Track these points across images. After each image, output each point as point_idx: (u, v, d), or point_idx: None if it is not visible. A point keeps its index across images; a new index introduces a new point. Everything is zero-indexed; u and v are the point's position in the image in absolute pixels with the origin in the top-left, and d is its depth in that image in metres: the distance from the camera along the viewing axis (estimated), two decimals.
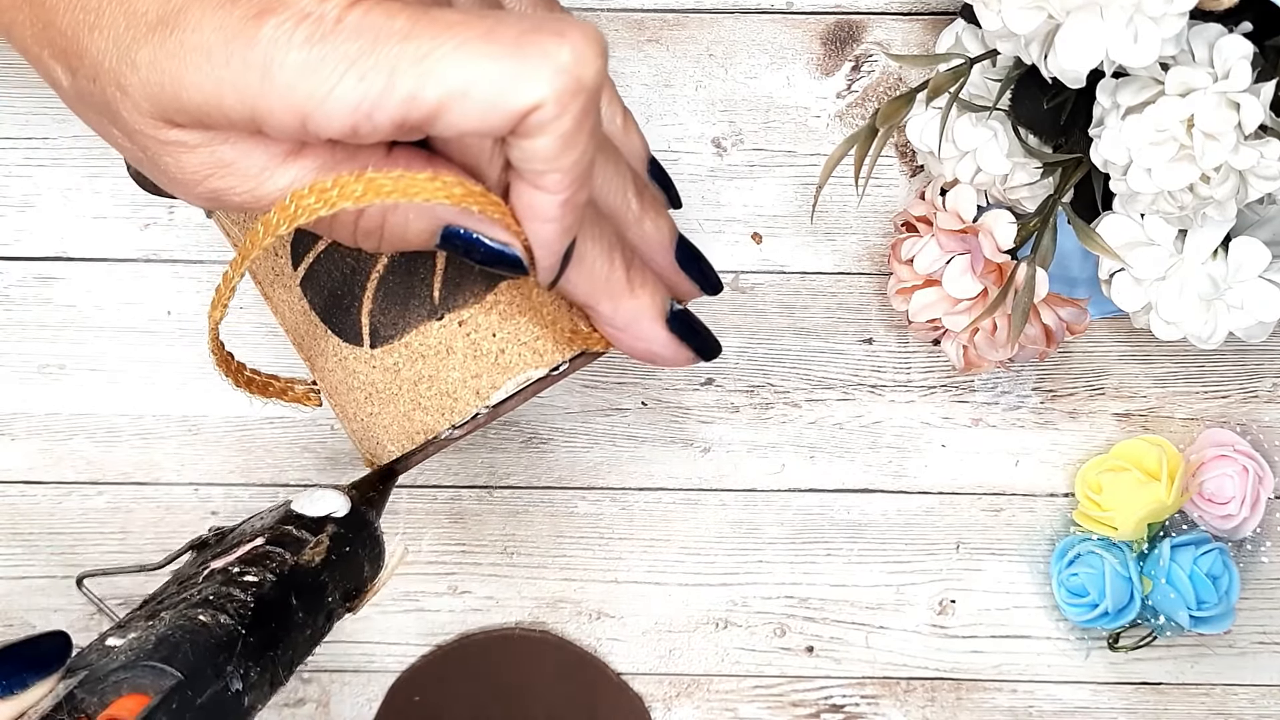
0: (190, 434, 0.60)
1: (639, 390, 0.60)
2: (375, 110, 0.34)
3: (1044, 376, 0.60)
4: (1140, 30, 0.42)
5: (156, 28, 0.36)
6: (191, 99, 0.35)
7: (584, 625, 0.60)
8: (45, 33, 0.39)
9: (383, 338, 0.44)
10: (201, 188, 0.38)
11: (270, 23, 0.34)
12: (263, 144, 0.37)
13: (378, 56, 0.33)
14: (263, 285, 0.47)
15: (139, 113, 0.37)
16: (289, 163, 0.37)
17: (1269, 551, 0.60)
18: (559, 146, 0.35)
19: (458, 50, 0.33)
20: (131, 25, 0.36)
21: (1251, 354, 0.60)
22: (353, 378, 0.44)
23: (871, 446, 0.60)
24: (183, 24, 0.35)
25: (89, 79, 0.38)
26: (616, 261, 0.41)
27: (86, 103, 0.39)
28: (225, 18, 0.34)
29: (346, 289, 0.44)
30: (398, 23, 0.34)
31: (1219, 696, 0.60)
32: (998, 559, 0.60)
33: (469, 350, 0.43)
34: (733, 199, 0.60)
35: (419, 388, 0.43)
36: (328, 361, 0.45)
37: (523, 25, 0.34)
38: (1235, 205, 0.47)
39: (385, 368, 0.44)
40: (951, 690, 0.60)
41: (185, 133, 0.37)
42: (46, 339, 0.59)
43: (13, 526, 0.60)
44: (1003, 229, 0.52)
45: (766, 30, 0.59)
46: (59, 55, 0.39)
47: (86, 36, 0.37)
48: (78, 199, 0.59)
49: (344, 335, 0.44)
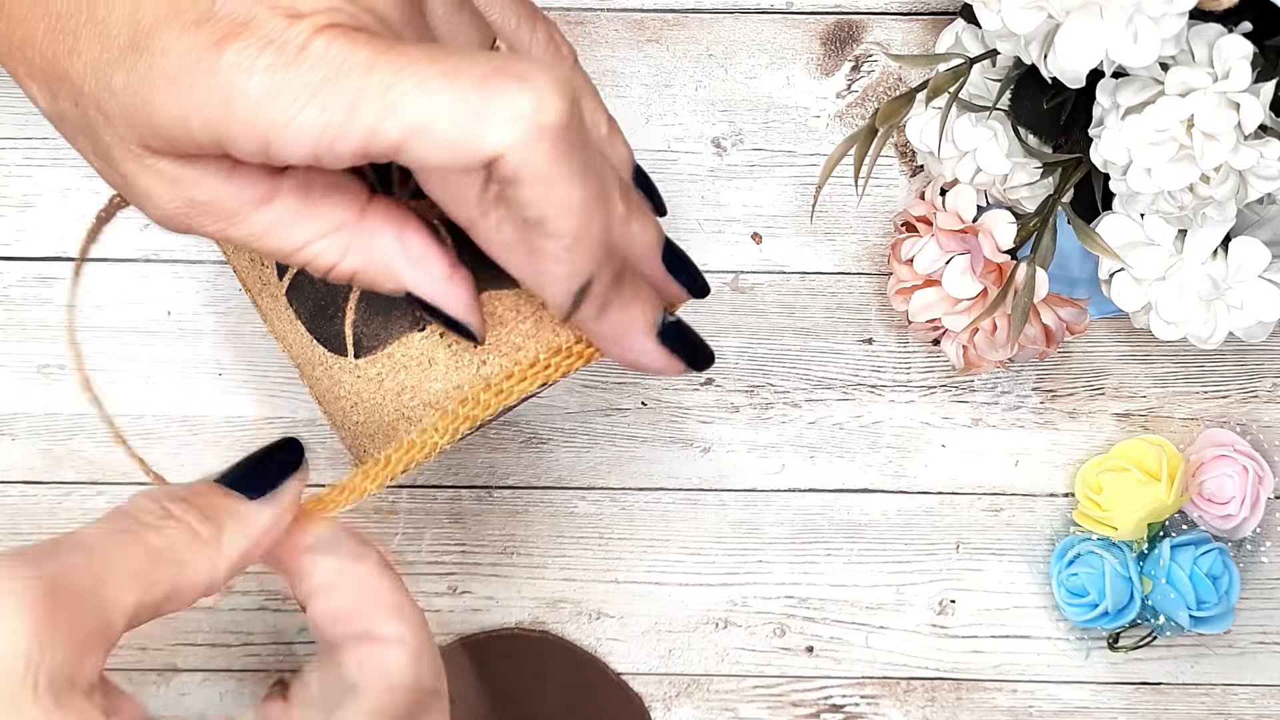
0: (190, 434, 0.60)
1: (639, 390, 0.60)
2: (337, 141, 0.33)
3: (1044, 376, 0.60)
4: (1140, 30, 0.42)
5: (128, 52, 0.35)
6: (163, 122, 0.35)
7: (584, 625, 0.60)
8: (22, 51, 0.38)
9: (366, 348, 0.44)
10: (175, 221, 0.38)
11: (233, 48, 0.34)
12: (236, 186, 0.37)
13: (340, 88, 0.33)
14: (252, 293, 0.47)
15: (120, 138, 0.37)
16: (262, 209, 0.37)
17: (1269, 551, 0.60)
18: (539, 191, 0.35)
19: (418, 87, 0.33)
20: (106, 49, 0.36)
21: (1251, 354, 0.60)
22: (339, 387, 0.44)
23: (871, 446, 0.60)
24: (151, 47, 0.35)
25: (70, 102, 0.38)
26: (606, 274, 0.40)
27: (68, 124, 0.39)
28: (190, 42, 0.34)
29: (330, 299, 0.44)
30: (361, 55, 0.33)
31: (1219, 696, 0.60)
32: (998, 559, 0.60)
33: (451, 361, 0.43)
34: (732, 199, 0.60)
35: (402, 398, 0.43)
36: (315, 370, 0.45)
37: (487, 67, 0.33)
38: (1235, 205, 0.47)
39: (369, 378, 0.44)
40: (951, 690, 0.60)
41: (164, 162, 0.37)
42: (46, 339, 0.59)
43: (13, 526, 0.60)
44: (1002, 229, 0.52)
45: (766, 30, 0.59)
46: (36, 75, 0.39)
47: (65, 60, 0.37)
48: (77, 199, 0.59)
49: (329, 345, 0.44)
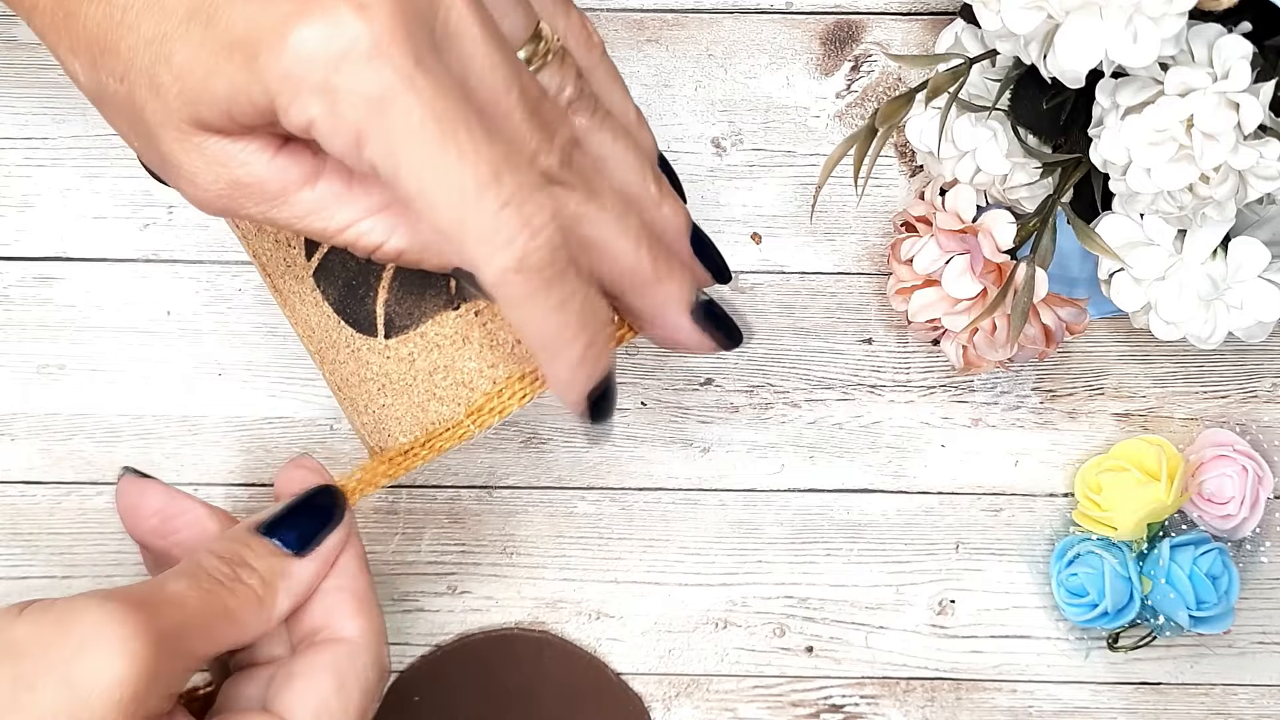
0: (190, 434, 0.60)
1: (639, 390, 0.60)
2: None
3: (1043, 376, 0.60)
4: (1140, 30, 0.42)
5: (189, 22, 0.35)
6: (223, 92, 0.35)
7: (583, 625, 0.60)
8: (66, 23, 0.38)
9: (398, 328, 0.44)
10: (216, 205, 0.38)
11: (307, 24, 0.34)
12: (281, 164, 0.37)
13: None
14: (273, 278, 0.47)
15: (168, 115, 0.37)
16: (307, 188, 0.38)
17: (1268, 551, 0.60)
18: (513, 317, 0.37)
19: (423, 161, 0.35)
20: (164, 20, 0.36)
21: (1251, 354, 0.60)
22: (365, 369, 0.44)
23: (871, 446, 0.60)
24: (217, 19, 0.35)
25: (116, 78, 0.38)
26: (644, 251, 0.41)
27: (108, 102, 0.39)
28: (261, 15, 0.34)
29: (362, 279, 0.44)
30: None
31: (1218, 696, 0.60)
32: (997, 559, 0.60)
33: (485, 340, 0.43)
34: (732, 199, 0.60)
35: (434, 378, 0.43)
36: (339, 353, 0.45)
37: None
38: (1234, 205, 0.47)
39: (400, 358, 0.44)
40: (951, 690, 0.60)
41: (212, 139, 0.37)
42: (46, 339, 0.59)
43: (13, 526, 0.60)
44: (1002, 229, 0.52)
45: (766, 30, 0.59)
46: (80, 49, 0.38)
47: (115, 33, 0.37)
48: (77, 199, 0.59)
49: (358, 326, 0.44)
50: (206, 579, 0.41)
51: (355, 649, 0.43)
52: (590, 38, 0.43)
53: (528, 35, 0.40)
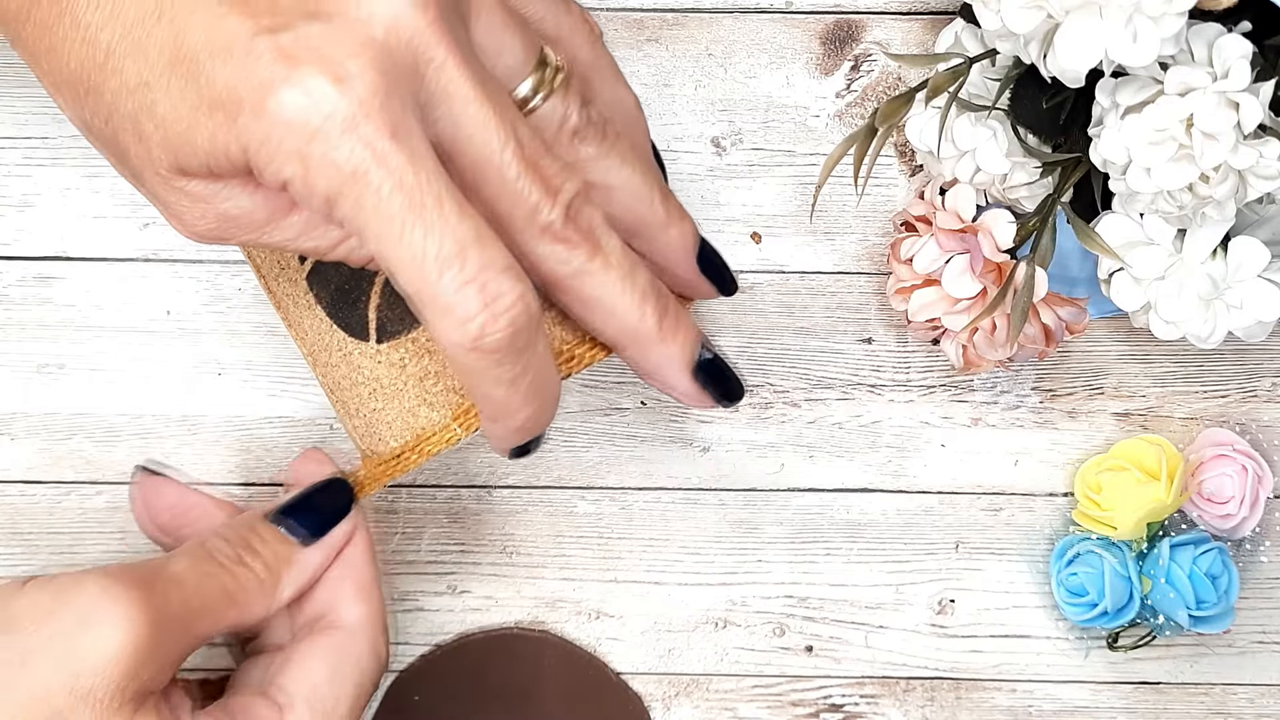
0: (190, 434, 0.60)
1: (639, 390, 0.60)
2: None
3: (1043, 376, 0.60)
4: (1139, 30, 0.42)
5: (170, 73, 0.36)
6: (205, 146, 0.36)
7: (583, 625, 0.60)
8: (49, 58, 0.38)
9: (390, 333, 0.44)
10: (207, 238, 0.40)
11: (291, 85, 0.34)
12: (264, 194, 0.38)
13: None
14: (266, 279, 0.47)
15: (150, 161, 0.37)
16: (294, 213, 0.38)
17: (1268, 551, 0.60)
18: (470, 382, 0.37)
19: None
20: (146, 67, 0.36)
21: (1251, 354, 0.60)
22: (357, 373, 0.44)
23: (871, 446, 0.60)
24: (198, 74, 0.35)
25: (101, 119, 0.38)
26: (648, 311, 0.41)
27: (94, 135, 0.39)
28: (241, 73, 0.35)
29: (354, 284, 0.44)
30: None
31: (1218, 696, 0.60)
32: (997, 559, 0.60)
33: None
34: (732, 199, 0.60)
35: (425, 383, 0.43)
36: (331, 356, 0.45)
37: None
38: (1234, 205, 0.47)
39: (391, 363, 0.44)
40: (951, 690, 0.60)
41: (194, 182, 0.37)
42: (46, 339, 0.59)
43: (12, 526, 0.60)
44: (1002, 229, 0.52)
45: (766, 30, 0.59)
46: (63, 86, 0.38)
47: (98, 75, 0.37)
48: (77, 199, 0.59)
49: (350, 330, 0.44)
50: (209, 560, 0.42)
51: (352, 636, 0.44)
52: (591, 31, 0.44)
53: (530, 66, 0.39)
